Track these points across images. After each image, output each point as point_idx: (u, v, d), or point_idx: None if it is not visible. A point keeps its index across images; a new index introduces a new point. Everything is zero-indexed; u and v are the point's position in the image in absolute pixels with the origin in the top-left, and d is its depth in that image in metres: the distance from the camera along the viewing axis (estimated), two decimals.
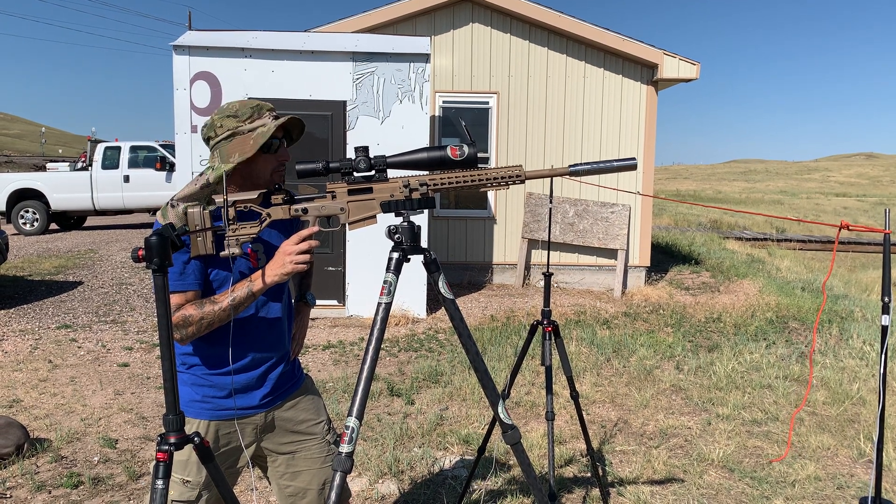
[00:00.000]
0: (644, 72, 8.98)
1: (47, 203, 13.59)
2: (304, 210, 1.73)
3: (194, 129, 6.84)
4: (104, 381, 5.09)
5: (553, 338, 2.87)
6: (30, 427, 4.08)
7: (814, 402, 4.79)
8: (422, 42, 7.44)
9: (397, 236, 1.75)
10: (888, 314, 2.01)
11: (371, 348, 1.68)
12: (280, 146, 1.87)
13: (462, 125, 1.85)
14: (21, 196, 13.60)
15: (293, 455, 2.02)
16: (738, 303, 8.03)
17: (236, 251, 1.67)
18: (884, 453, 3.71)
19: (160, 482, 1.46)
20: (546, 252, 8.34)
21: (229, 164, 1.77)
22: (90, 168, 13.65)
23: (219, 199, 1.70)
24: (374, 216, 1.74)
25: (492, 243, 9.13)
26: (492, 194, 9.05)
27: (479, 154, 2.51)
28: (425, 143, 7.18)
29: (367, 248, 7.07)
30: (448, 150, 1.71)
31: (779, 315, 7.41)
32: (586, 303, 8.11)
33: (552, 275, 3.06)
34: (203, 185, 1.73)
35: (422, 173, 1.75)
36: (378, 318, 1.70)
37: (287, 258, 1.72)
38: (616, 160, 1.70)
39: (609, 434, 4.21)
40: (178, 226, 1.64)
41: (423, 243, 6.81)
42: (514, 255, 9.13)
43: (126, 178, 13.58)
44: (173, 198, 1.71)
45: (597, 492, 3.37)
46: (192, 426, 1.85)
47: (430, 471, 3.63)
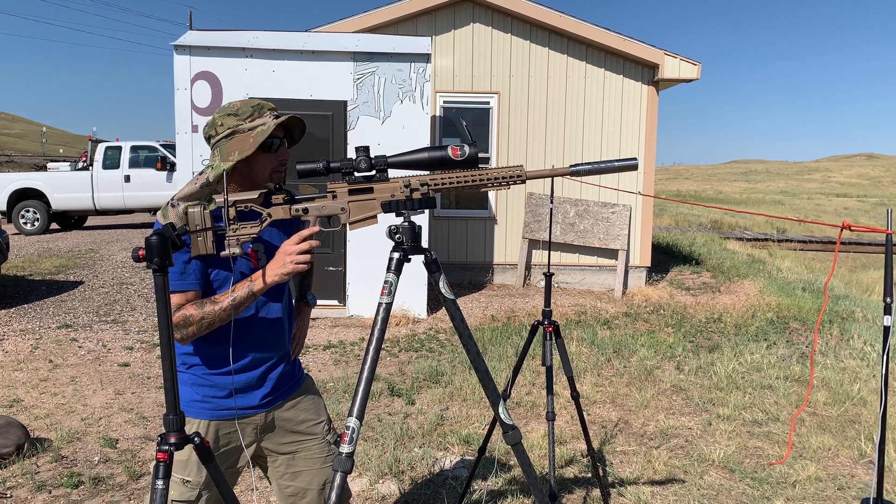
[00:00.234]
0: (645, 72, 8.98)
1: (48, 203, 13.60)
2: (305, 210, 1.73)
3: (195, 128, 6.84)
4: (105, 381, 5.09)
5: (554, 338, 2.87)
6: (30, 427, 4.08)
7: (814, 402, 4.78)
8: (422, 42, 7.44)
9: (398, 236, 1.75)
10: (890, 314, 2.01)
11: (372, 348, 1.68)
12: (280, 146, 1.87)
13: (463, 125, 1.85)
14: (22, 196, 13.61)
15: (293, 455, 2.02)
16: (738, 303, 8.02)
17: (237, 251, 1.67)
18: (885, 454, 3.70)
19: (160, 482, 1.46)
20: (547, 252, 8.34)
21: (229, 162, 1.77)
22: (91, 168, 13.66)
23: (219, 198, 1.70)
24: (375, 216, 1.74)
25: (492, 243, 9.13)
26: (492, 194, 9.05)
27: (480, 154, 2.51)
28: (426, 143, 7.17)
29: (368, 248, 7.07)
30: (449, 150, 1.70)
31: (779, 315, 7.40)
32: (587, 303, 8.11)
33: (553, 275, 3.06)
34: (203, 183, 1.73)
35: (422, 173, 1.75)
36: (379, 318, 1.70)
37: (287, 258, 1.72)
38: (617, 160, 1.70)
39: (610, 434, 4.21)
40: (178, 225, 1.64)
41: (424, 243, 6.82)
42: (514, 255, 9.12)
43: (127, 178, 13.59)
44: (174, 197, 1.71)
45: (597, 492, 3.36)
46: (192, 426, 1.85)
47: (430, 471, 3.63)
